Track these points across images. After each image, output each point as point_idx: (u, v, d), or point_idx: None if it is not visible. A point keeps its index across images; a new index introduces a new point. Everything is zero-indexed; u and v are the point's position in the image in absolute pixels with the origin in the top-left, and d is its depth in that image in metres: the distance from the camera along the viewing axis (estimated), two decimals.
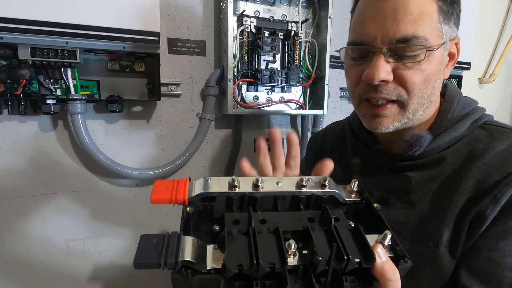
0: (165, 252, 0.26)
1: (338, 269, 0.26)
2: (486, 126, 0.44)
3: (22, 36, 0.63)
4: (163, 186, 0.32)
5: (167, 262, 0.25)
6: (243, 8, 0.86)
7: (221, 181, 0.33)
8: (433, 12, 0.39)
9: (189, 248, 0.27)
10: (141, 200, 0.87)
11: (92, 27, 0.66)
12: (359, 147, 0.53)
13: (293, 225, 0.30)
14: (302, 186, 0.34)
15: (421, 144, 0.43)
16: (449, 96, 0.47)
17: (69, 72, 0.71)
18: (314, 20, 0.94)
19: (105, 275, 0.86)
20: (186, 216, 0.31)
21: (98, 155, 0.76)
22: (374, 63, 0.39)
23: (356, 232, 0.30)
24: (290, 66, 0.91)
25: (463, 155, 0.42)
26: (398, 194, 0.45)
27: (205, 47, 0.87)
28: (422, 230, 0.42)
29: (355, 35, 0.43)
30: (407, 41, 0.38)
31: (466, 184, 0.40)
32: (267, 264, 0.26)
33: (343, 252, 0.26)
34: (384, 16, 0.39)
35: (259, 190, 0.33)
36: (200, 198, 0.32)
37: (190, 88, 0.88)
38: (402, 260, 0.28)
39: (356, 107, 0.47)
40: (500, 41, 1.35)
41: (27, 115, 0.73)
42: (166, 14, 0.82)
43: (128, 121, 0.83)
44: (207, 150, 0.92)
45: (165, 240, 0.27)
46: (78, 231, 0.82)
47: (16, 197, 0.75)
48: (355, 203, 0.35)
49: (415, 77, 0.39)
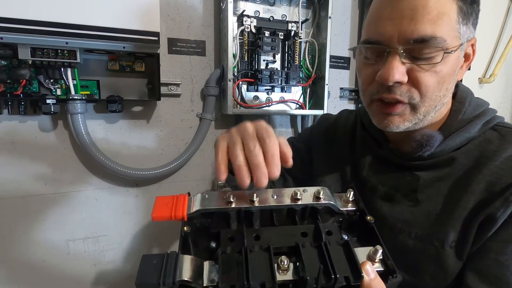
0: (163, 273, 0.27)
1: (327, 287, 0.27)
2: (497, 128, 0.43)
3: (22, 36, 0.62)
4: (163, 203, 0.34)
5: (166, 282, 0.27)
6: (243, 8, 0.86)
7: (218, 196, 0.35)
8: (452, 13, 0.37)
9: (187, 267, 0.28)
10: (141, 200, 0.87)
11: (92, 27, 0.66)
12: (369, 142, 0.52)
13: (286, 240, 0.32)
14: (297, 199, 0.34)
15: (432, 144, 0.43)
16: (461, 96, 0.46)
17: (69, 72, 0.71)
18: (314, 20, 0.94)
19: (105, 275, 0.86)
20: (184, 235, 0.32)
21: (98, 155, 0.76)
22: (389, 64, 0.38)
23: (347, 248, 0.30)
24: (290, 66, 0.91)
25: (474, 156, 0.42)
26: (404, 192, 0.45)
27: (205, 47, 0.87)
28: (427, 229, 0.42)
29: (369, 34, 0.41)
30: (425, 42, 0.36)
31: (476, 186, 0.40)
32: (258, 284, 0.27)
33: (331, 271, 0.27)
34: (401, 15, 0.37)
35: (254, 205, 0.34)
36: (198, 214, 0.33)
37: (190, 88, 0.88)
38: (391, 276, 0.28)
39: (367, 106, 0.46)
40: (500, 41, 1.35)
41: (27, 115, 0.73)
42: (166, 14, 0.82)
43: (128, 121, 0.83)
44: (207, 150, 0.92)
45: (164, 260, 0.28)
46: (78, 231, 0.82)
47: (16, 197, 0.75)
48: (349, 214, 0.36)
49: (430, 80, 0.38)
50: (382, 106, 0.42)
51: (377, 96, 0.42)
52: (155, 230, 0.90)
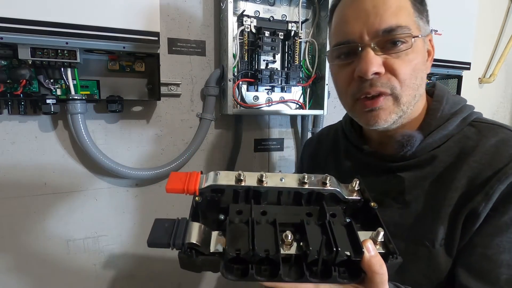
0: (174, 235, 0.30)
1: (328, 260, 0.29)
2: (475, 124, 0.44)
3: (22, 36, 0.63)
4: (177, 178, 0.36)
5: (175, 243, 0.29)
6: (243, 8, 0.86)
7: (229, 175, 0.37)
8: (409, 7, 0.42)
9: (195, 233, 0.31)
10: (141, 200, 0.87)
11: (92, 27, 0.66)
12: (351, 151, 0.53)
13: (291, 218, 0.34)
14: (304, 183, 0.36)
15: (412, 144, 0.44)
16: (438, 95, 0.47)
17: (69, 72, 0.71)
18: (314, 20, 0.94)
19: (104, 275, 0.86)
20: (195, 205, 0.34)
21: (98, 155, 0.76)
22: (364, 57, 0.40)
23: (349, 228, 0.32)
24: (290, 66, 0.91)
25: (454, 153, 0.43)
26: (392, 195, 0.46)
27: (205, 47, 0.87)
28: (417, 229, 0.43)
29: (339, 37, 0.44)
30: (393, 31, 0.40)
31: (458, 182, 0.41)
32: (262, 251, 0.29)
33: (333, 244, 0.29)
34: (366, 13, 0.41)
35: (263, 185, 0.36)
36: (210, 190, 0.35)
37: (190, 88, 0.88)
38: (391, 256, 0.30)
39: (351, 108, 0.46)
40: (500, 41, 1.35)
41: (27, 115, 0.73)
42: (166, 14, 0.82)
43: (128, 121, 0.83)
44: (207, 150, 0.92)
45: (175, 224, 0.31)
46: (78, 231, 0.82)
47: (16, 197, 0.75)
48: (354, 202, 0.37)
49: (405, 67, 0.41)
50: (366, 103, 0.43)
51: (359, 95, 0.43)
52: None
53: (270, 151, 1.00)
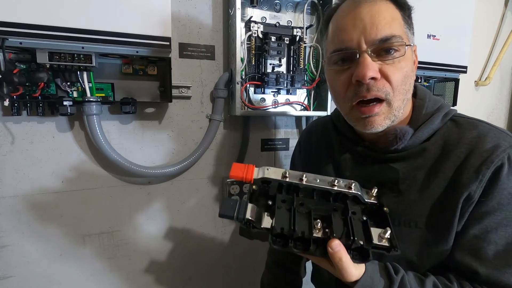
0: (237, 210, 0.42)
1: (346, 245, 0.39)
2: (455, 119, 0.49)
3: (40, 41, 0.65)
4: (238, 168, 0.47)
5: (238, 217, 0.41)
6: (250, 14, 0.89)
7: (277, 171, 0.47)
8: (399, 18, 0.46)
9: (252, 211, 0.42)
10: (153, 197, 0.90)
11: (107, 33, 0.68)
12: (346, 144, 0.57)
13: (321, 211, 0.44)
14: (334, 185, 0.46)
15: (406, 138, 0.48)
16: (421, 94, 0.52)
17: (85, 75, 0.73)
18: (318, 25, 0.97)
19: (119, 268, 0.90)
20: (252, 191, 0.46)
21: (112, 154, 0.79)
22: (362, 63, 0.44)
23: (365, 224, 0.42)
24: (295, 70, 0.94)
25: (441, 145, 0.48)
26: (388, 185, 0.50)
27: (214, 51, 0.90)
28: (410, 215, 0.48)
29: (337, 44, 0.47)
30: (388, 40, 0.43)
31: (447, 171, 0.46)
32: (300, 232, 0.40)
33: (351, 234, 0.40)
34: (363, 22, 0.44)
35: (302, 183, 0.46)
36: (261, 180, 0.46)
37: (200, 91, 0.91)
38: (393, 249, 0.40)
39: (347, 114, 0.50)
40: (495, 45, 1.39)
41: (45, 116, 0.76)
42: (177, 20, 0.85)
43: (141, 122, 0.86)
44: (216, 149, 0.95)
45: (238, 203, 0.42)
46: (93, 226, 0.85)
47: (35, 194, 0.78)
48: (371, 205, 0.46)
49: (397, 74, 0.44)
50: (363, 110, 0.47)
51: (356, 100, 0.46)
52: (166, 225, 0.94)
53: (276, 150, 1.04)
